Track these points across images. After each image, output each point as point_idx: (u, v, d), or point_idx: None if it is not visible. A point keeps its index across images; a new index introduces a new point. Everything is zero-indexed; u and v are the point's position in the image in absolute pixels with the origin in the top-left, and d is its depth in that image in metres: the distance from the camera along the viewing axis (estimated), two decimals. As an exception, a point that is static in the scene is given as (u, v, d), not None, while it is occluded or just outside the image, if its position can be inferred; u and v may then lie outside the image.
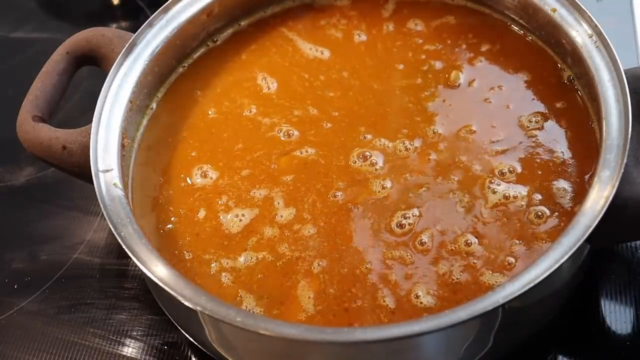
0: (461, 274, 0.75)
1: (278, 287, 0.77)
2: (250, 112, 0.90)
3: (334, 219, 0.80)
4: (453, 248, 0.77)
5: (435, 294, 0.74)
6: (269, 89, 0.92)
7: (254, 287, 0.77)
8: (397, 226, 0.79)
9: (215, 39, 0.97)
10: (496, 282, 0.74)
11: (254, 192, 0.83)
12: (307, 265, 0.78)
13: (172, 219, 0.82)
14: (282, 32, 0.97)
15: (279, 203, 0.82)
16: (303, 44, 0.95)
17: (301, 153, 0.86)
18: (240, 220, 0.82)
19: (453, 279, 0.75)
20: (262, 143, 0.87)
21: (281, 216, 0.81)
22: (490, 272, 0.75)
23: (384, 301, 0.74)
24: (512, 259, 0.75)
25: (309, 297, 0.76)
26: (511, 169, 0.81)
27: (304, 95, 0.91)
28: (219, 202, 0.83)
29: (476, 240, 0.77)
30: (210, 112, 0.91)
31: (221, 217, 0.82)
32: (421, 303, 0.74)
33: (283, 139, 0.87)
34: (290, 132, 0.87)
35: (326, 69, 0.92)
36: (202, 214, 0.83)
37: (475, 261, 0.76)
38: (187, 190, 0.85)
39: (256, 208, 0.82)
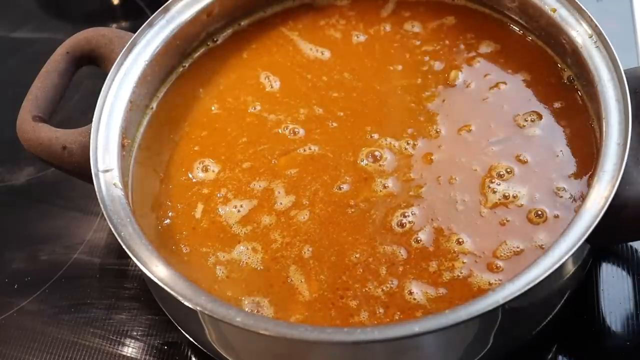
0: (460, 272, 0.75)
1: (270, 276, 0.77)
2: (255, 108, 0.90)
3: (331, 208, 0.81)
4: (450, 247, 0.77)
5: (427, 291, 0.74)
6: (272, 87, 0.92)
7: (249, 278, 0.77)
8: (397, 225, 0.79)
9: (215, 39, 0.97)
10: (494, 281, 0.74)
11: (254, 184, 0.84)
12: (297, 251, 0.78)
13: (170, 213, 0.83)
14: (282, 31, 0.97)
15: (279, 193, 0.83)
16: (303, 44, 0.95)
17: (304, 150, 0.86)
18: (239, 211, 0.82)
19: (447, 278, 0.75)
20: (267, 138, 0.87)
21: (280, 203, 0.82)
22: (487, 272, 0.75)
23: (376, 292, 0.75)
24: (510, 259, 0.75)
25: (301, 281, 0.76)
26: (510, 169, 0.81)
27: (308, 95, 0.91)
28: (218, 194, 0.83)
29: (475, 239, 0.77)
30: (213, 108, 0.91)
31: (219, 210, 0.82)
32: (414, 299, 0.74)
33: (289, 136, 0.87)
34: (296, 130, 0.88)
35: (328, 69, 0.93)
36: (200, 207, 0.83)
37: (473, 260, 0.76)
38: (187, 184, 0.85)
39: (255, 199, 0.83)
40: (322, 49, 0.95)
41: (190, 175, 0.86)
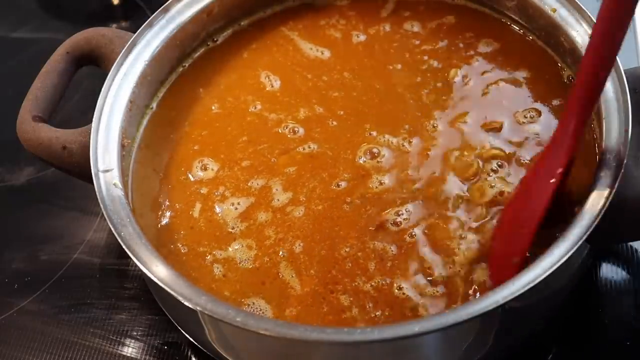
0: (451, 268, 0.75)
1: (261, 273, 0.78)
2: (256, 108, 0.90)
3: (327, 204, 0.81)
4: (443, 244, 0.77)
5: (419, 288, 0.75)
6: (272, 86, 0.92)
7: (243, 276, 0.78)
8: (391, 224, 0.79)
9: (215, 39, 0.97)
10: (487, 278, 0.74)
11: (252, 182, 0.84)
12: (288, 246, 0.79)
13: (169, 213, 0.83)
14: (282, 31, 0.97)
15: (277, 190, 0.83)
16: (304, 44, 0.96)
17: (304, 149, 0.86)
18: (236, 208, 0.82)
19: (438, 275, 0.75)
20: (267, 137, 0.88)
21: (278, 200, 0.82)
22: (481, 269, 0.75)
23: (365, 287, 0.75)
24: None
25: (292, 276, 0.77)
26: (507, 166, 0.81)
27: (308, 94, 0.91)
28: (216, 193, 0.84)
29: (472, 236, 0.77)
30: (213, 108, 0.91)
31: (217, 208, 0.83)
32: (404, 294, 0.75)
33: (289, 135, 0.87)
34: (296, 129, 0.88)
35: (328, 69, 0.93)
36: (198, 206, 0.83)
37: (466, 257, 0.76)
38: (186, 183, 0.85)
39: (252, 197, 0.83)
40: (322, 49, 0.95)
41: (190, 175, 0.86)
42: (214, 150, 0.87)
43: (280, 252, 0.79)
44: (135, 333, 0.89)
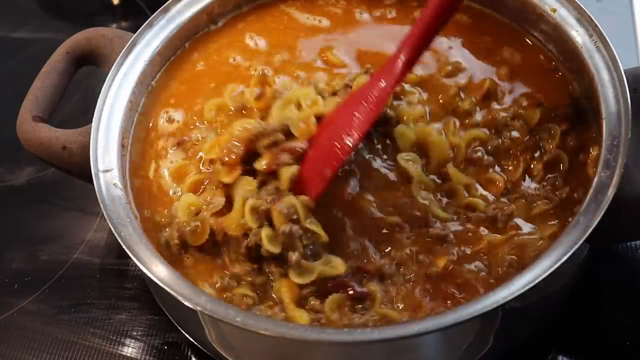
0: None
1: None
2: (234, 60, 0.92)
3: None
4: None
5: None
6: (256, 45, 0.93)
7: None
8: None
9: (217, 21, 0.96)
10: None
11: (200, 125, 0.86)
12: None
13: (140, 173, 0.84)
14: (280, 7, 0.97)
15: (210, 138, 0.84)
16: (299, 14, 0.96)
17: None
18: (172, 163, 0.84)
19: None
20: (234, 79, 0.89)
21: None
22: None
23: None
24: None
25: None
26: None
27: (294, 46, 0.92)
28: (169, 151, 0.85)
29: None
30: (198, 65, 0.92)
31: (161, 165, 0.84)
32: None
33: (256, 74, 0.89)
34: (266, 70, 0.89)
35: (326, 32, 0.93)
36: (153, 165, 0.84)
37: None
38: (153, 140, 0.86)
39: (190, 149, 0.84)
40: (320, 17, 0.95)
41: (155, 126, 0.87)
42: (184, 102, 0.88)
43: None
44: (135, 333, 0.89)
